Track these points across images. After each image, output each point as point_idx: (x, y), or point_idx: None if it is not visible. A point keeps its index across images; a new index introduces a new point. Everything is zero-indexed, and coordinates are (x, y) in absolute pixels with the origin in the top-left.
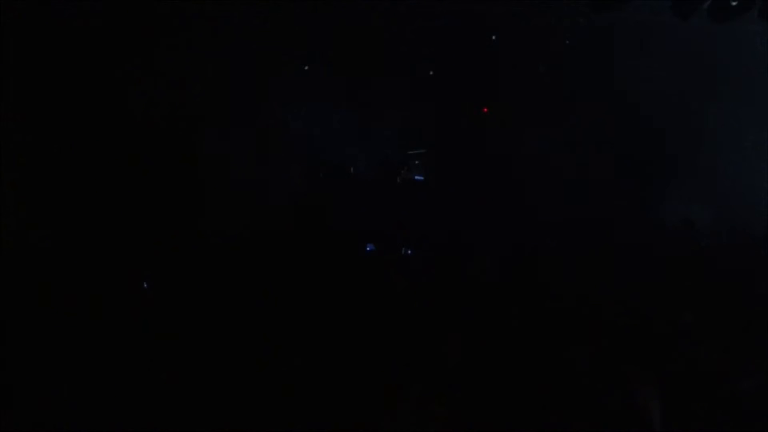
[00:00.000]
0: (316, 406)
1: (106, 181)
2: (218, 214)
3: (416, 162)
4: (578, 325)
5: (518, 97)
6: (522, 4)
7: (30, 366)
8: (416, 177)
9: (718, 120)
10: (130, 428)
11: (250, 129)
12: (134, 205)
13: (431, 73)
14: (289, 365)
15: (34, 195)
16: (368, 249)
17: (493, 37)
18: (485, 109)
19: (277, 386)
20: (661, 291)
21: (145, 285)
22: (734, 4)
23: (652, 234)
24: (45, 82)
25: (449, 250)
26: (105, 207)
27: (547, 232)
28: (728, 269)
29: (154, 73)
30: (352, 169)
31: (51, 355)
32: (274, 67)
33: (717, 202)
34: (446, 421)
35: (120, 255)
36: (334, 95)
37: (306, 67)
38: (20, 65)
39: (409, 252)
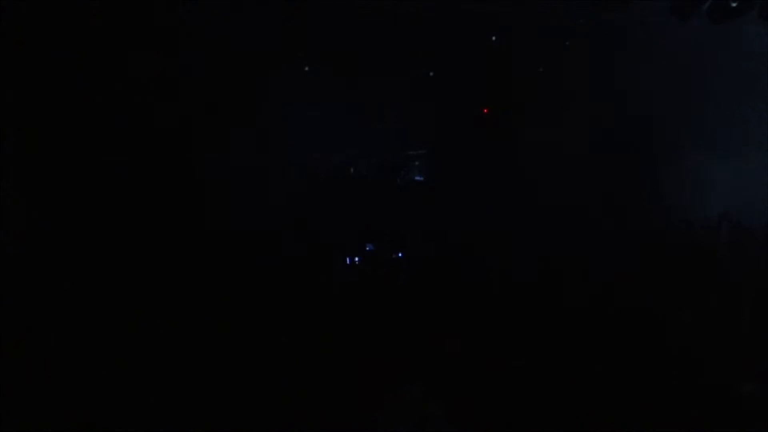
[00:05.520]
0: (315, 405)
1: (105, 180)
2: (218, 214)
3: (416, 162)
4: (578, 324)
5: (518, 97)
6: (522, 4)
7: (30, 366)
8: (416, 177)
9: (717, 120)
10: (131, 428)
11: (250, 129)
12: (134, 206)
13: (431, 73)
14: (288, 364)
15: (34, 194)
16: (368, 249)
17: (493, 38)
18: (485, 110)
19: (275, 385)
20: (661, 290)
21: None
22: (734, 5)
23: (652, 233)
24: (44, 82)
25: (449, 250)
26: (104, 206)
27: (547, 232)
28: (728, 269)
29: (154, 73)
30: (352, 169)
31: (51, 355)
32: (274, 67)
33: (717, 202)
34: (445, 420)
35: (119, 255)
36: (334, 95)
37: (306, 67)
38: (20, 66)
39: (402, 255)
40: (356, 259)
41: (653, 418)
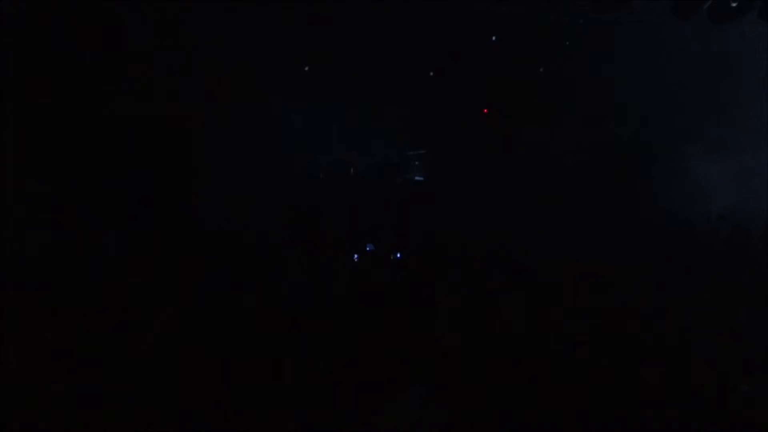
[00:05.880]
0: (315, 405)
1: (105, 180)
2: (218, 214)
3: (416, 162)
4: (577, 323)
5: (518, 97)
6: (522, 4)
7: (29, 366)
8: (416, 177)
9: (717, 119)
10: (129, 428)
11: (250, 129)
12: (132, 205)
13: (431, 73)
14: (289, 364)
15: (34, 194)
16: (368, 249)
17: (493, 37)
18: (485, 110)
19: (276, 385)
20: (661, 291)
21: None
22: (734, 5)
23: (652, 234)
24: (45, 83)
25: (447, 250)
26: (103, 206)
27: (547, 232)
28: (728, 269)
29: (155, 73)
30: (352, 169)
31: (49, 354)
32: (274, 67)
33: (717, 202)
34: (444, 419)
35: (119, 255)
36: (334, 95)
37: (306, 67)
38: (19, 66)
39: (400, 255)
40: (355, 256)
41: (653, 417)
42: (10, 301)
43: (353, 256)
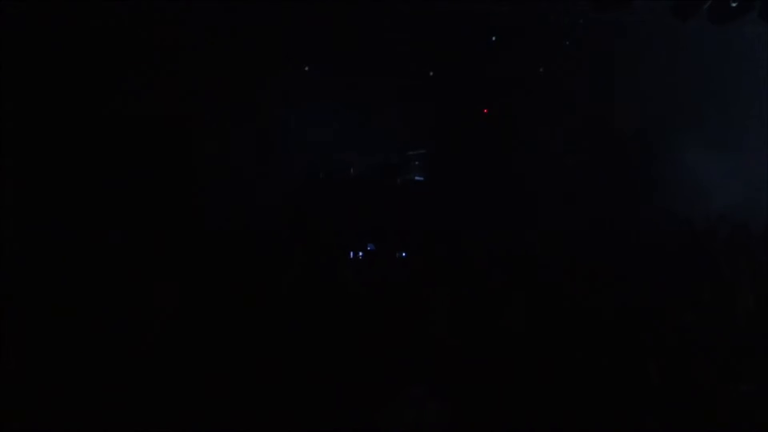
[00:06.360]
0: (316, 405)
1: (105, 179)
2: (217, 214)
3: (416, 162)
4: (578, 326)
5: (518, 97)
6: (522, 4)
7: (29, 366)
8: (416, 177)
9: (717, 119)
10: (130, 428)
11: (250, 129)
12: (132, 205)
13: (431, 73)
14: (289, 364)
15: (34, 194)
16: (368, 249)
17: (493, 38)
18: (485, 110)
19: (275, 385)
20: (660, 291)
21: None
22: (734, 5)
23: (652, 234)
24: (45, 83)
25: (448, 250)
26: (103, 206)
27: (547, 232)
28: (728, 269)
29: (154, 73)
30: (352, 169)
31: (49, 356)
32: (274, 67)
33: (717, 202)
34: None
35: (119, 255)
36: (334, 95)
37: (306, 67)
38: (19, 66)
39: (404, 255)
40: (360, 254)
41: (653, 417)
42: (10, 301)
43: (354, 256)
